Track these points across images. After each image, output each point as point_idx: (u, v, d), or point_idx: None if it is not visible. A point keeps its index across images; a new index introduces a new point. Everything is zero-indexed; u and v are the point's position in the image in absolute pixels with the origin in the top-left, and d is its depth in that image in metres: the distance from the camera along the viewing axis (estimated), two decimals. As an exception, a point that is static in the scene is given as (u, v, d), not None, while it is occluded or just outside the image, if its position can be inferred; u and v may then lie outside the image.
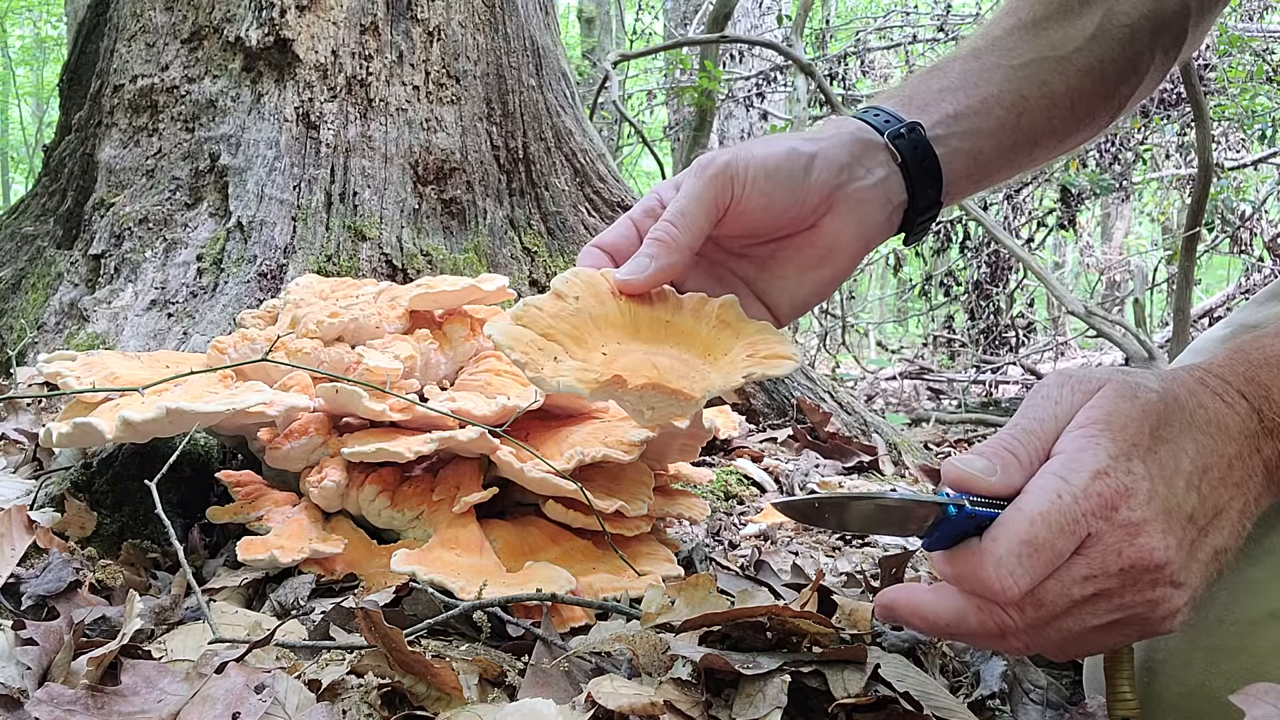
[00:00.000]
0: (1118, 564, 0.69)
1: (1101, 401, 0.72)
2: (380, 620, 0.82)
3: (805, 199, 0.90)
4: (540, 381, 0.80)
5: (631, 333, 0.88)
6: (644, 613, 0.93)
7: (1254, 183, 7.59)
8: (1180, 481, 0.70)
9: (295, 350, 1.25)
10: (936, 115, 0.96)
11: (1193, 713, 0.78)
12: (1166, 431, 0.71)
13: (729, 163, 0.88)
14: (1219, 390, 0.75)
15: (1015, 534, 0.68)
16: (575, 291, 0.88)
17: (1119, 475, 0.68)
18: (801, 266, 0.95)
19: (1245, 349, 0.78)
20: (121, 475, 1.25)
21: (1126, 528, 0.68)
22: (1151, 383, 0.74)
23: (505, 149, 2.16)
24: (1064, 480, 0.68)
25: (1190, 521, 0.70)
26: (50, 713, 0.76)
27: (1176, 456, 0.71)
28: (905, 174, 0.94)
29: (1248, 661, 0.75)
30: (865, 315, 10.07)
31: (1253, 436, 0.73)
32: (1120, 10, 1.03)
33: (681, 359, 0.86)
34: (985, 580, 0.69)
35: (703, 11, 7.51)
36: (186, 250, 1.86)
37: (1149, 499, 0.68)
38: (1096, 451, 0.69)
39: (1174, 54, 1.10)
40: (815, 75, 4.74)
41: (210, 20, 2.05)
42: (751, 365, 0.84)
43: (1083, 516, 0.68)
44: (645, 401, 0.83)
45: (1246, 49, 5.94)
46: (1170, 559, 0.68)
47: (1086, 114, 1.05)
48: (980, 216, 4.77)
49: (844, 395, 2.35)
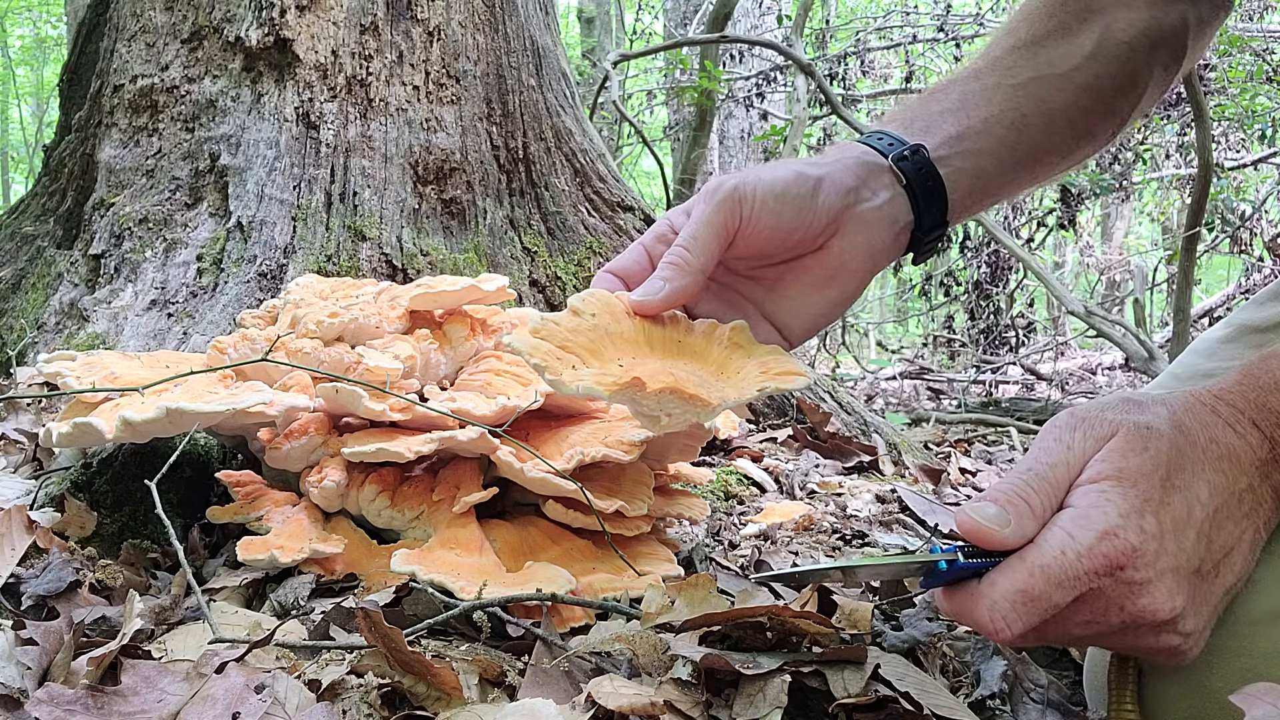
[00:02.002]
0: (1119, 618, 0.70)
1: (1112, 455, 0.72)
2: (380, 620, 0.82)
3: (813, 221, 0.92)
4: (559, 384, 0.81)
5: (646, 349, 0.89)
6: (644, 613, 0.93)
7: (1254, 183, 7.59)
8: (1191, 534, 0.70)
9: (295, 350, 1.25)
10: (939, 137, 0.98)
11: (1192, 713, 0.78)
12: (1179, 479, 0.71)
13: (737, 186, 0.90)
14: (1231, 420, 0.75)
15: (1013, 582, 0.69)
16: (592, 309, 0.90)
17: (1128, 535, 0.68)
18: (810, 287, 0.96)
19: (1255, 373, 0.77)
20: (121, 475, 1.25)
21: (1131, 585, 0.69)
22: (1163, 423, 0.74)
23: (505, 149, 2.16)
24: (1071, 537, 0.69)
25: (1198, 574, 0.71)
26: (50, 713, 0.75)
27: (1190, 505, 0.71)
28: (911, 195, 0.96)
29: (1248, 661, 0.75)
30: (865, 315, 10.07)
31: (1264, 464, 0.74)
32: (1118, 28, 1.04)
33: (695, 373, 0.87)
34: (979, 621, 0.70)
35: (703, 11, 7.51)
36: (186, 250, 1.86)
37: (1156, 557, 0.69)
38: (1107, 509, 0.69)
39: (1174, 69, 1.11)
40: (815, 75, 4.74)
41: (210, 20, 2.05)
42: (765, 380, 0.86)
43: (1085, 574, 0.68)
44: (663, 407, 0.84)
45: (1246, 49, 5.94)
46: (1176, 613, 0.69)
47: (1086, 130, 1.06)
48: (980, 216, 4.77)
49: (844, 395, 2.35)
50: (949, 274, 7.20)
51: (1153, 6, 1.05)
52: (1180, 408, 0.76)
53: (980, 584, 0.71)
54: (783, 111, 7.64)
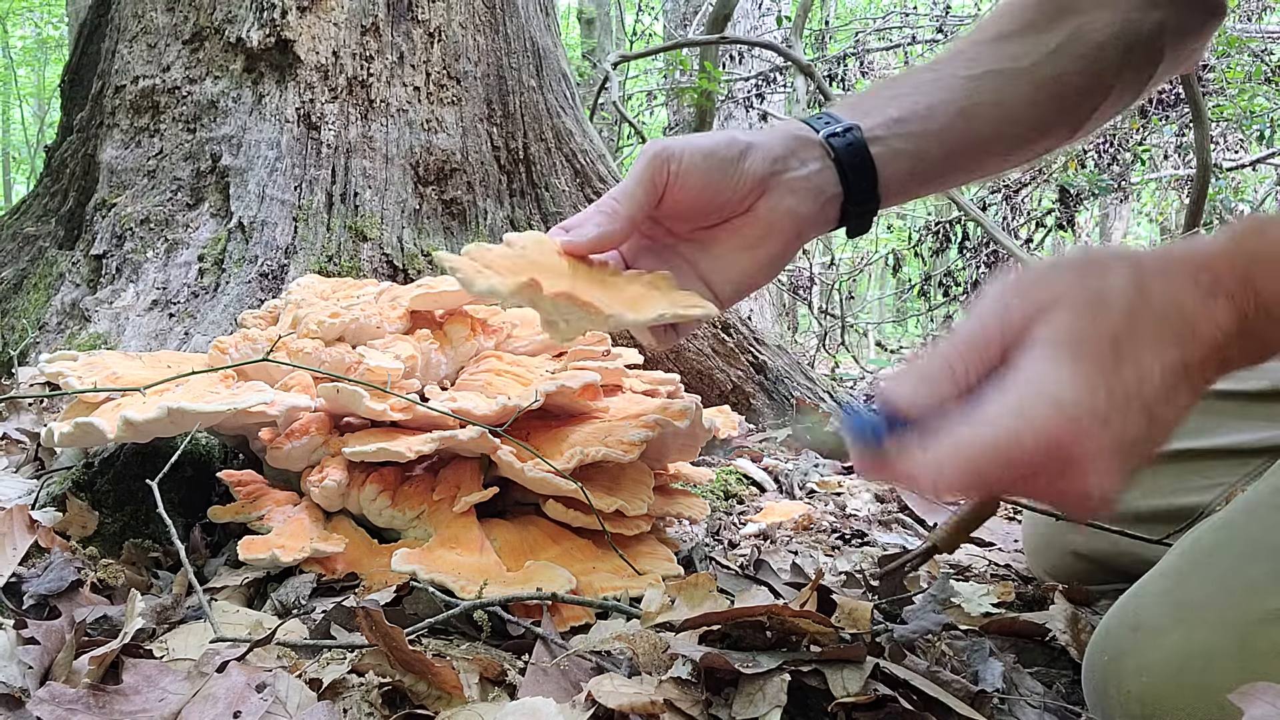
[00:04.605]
0: (1049, 490, 0.70)
1: (1060, 322, 0.70)
2: (381, 619, 0.82)
3: (739, 183, 0.96)
4: (468, 283, 0.84)
5: (569, 279, 0.93)
6: (644, 612, 0.93)
7: (1252, 183, 7.60)
8: (1135, 407, 0.68)
9: (296, 350, 1.25)
10: (879, 119, 1.01)
11: (1192, 712, 0.78)
12: (1129, 350, 0.69)
13: (667, 145, 0.95)
14: (1207, 290, 0.71)
15: (960, 450, 0.68)
16: (523, 243, 0.95)
17: (1075, 410, 0.67)
18: (739, 247, 1.00)
19: (1246, 241, 0.74)
20: (123, 475, 1.26)
21: (1068, 464, 0.67)
22: (1119, 288, 0.71)
23: (506, 150, 2.16)
24: (1021, 413, 0.67)
25: (1135, 443, 0.69)
26: (52, 712, 0.76)
27: (1140, 379, 0.69)
28: (840, 169, 0.98)
29: (1247, 661, 0.75)
30: (865, 315, 10.07)
31: (1226, 339, 0.71)
32: (1091, 29, 1.04)
33: (605, 298, 0.91)
34: (919, 480, 0.70)
35: (702, 13, 7.51)
36: (188, 250, 1.87)
37: (1099, 438, 0.67)
38: (1061, 382, 0.67)
39: (1148, 73, 1.10)
40: (814, 76, 4.74)
41: (211, 21, 2.06)
42: (668, 307, 0.89)
43: (1032, 453, 0.67)
44: (559, 311, 0.88)
45: (1245, 50, 5.94)
46: (1104, 493, 0.68)
47: (1043, 125, 1.07)
48: (979, 217, 4.77)
49: (843, 395, 2.36)
50: (948, 274, 7.20)
51: (1131, 9, 1.05)
52: (1153, 270, 0.73)
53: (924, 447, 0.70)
54: (782, 112, 7.65)
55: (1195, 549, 0.86)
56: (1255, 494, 0.89)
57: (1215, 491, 1.16)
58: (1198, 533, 0.88)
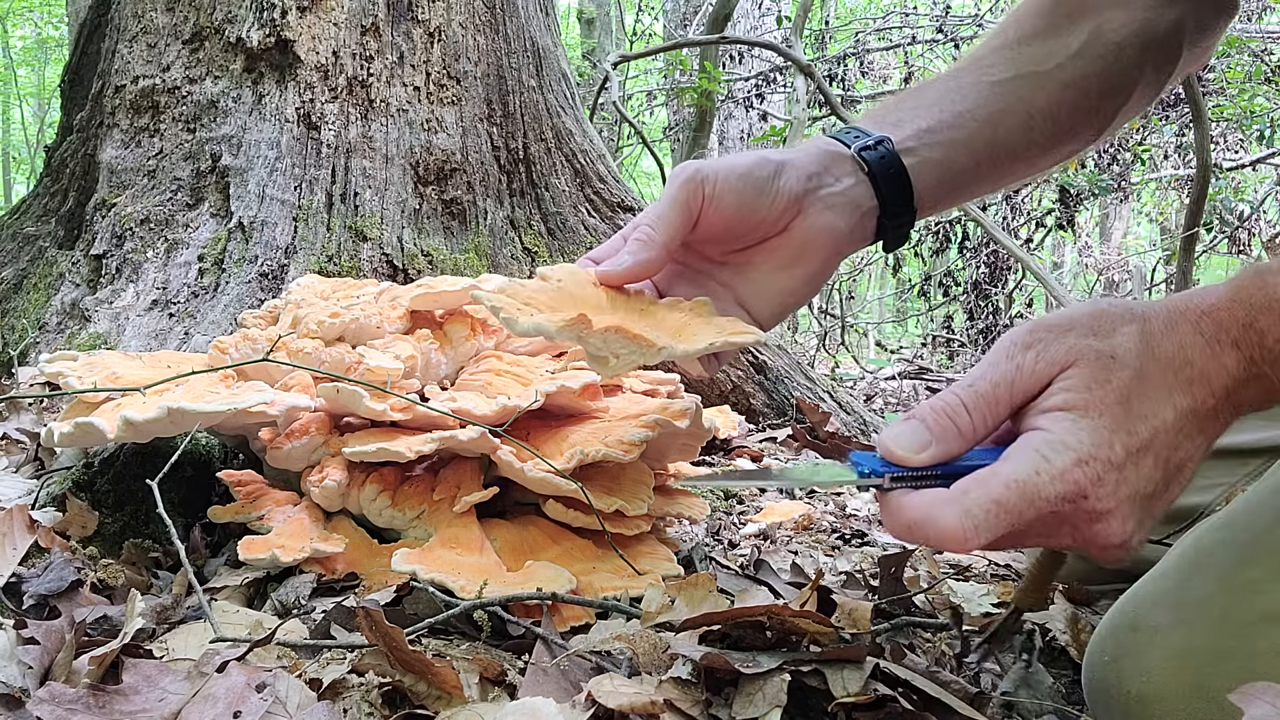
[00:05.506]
0: (1071, 538, 0.72)
1: (1077, 384, 0.73)
2: (381, 619, 0.82)
3: (774, 203, 0.94)
4: (511, 323, 0.83)
5: (608, 311, 0.92)
6: (644, 612, 0.93)
7: (1252, 183, 7.60)
8: (1149, 459, 0.71)
9: (296, 350, 1.25)
10: (909, 130, 1.00)
11: (1192, 712, 0.78)
12: (1142, 406, 0.72)
13: (700, 168, 0.94)
14: (1213, 340, 0.74)
15: (989, 493, 0.69)
16: (558, 276, 0.93)
17: (1096, 466, 0.70)
18: (776, 267, 0.98)
19: (1247, 290, 0.76)
20: (123, 475, 1.26)
21: (1090, 514, 0.70)
22: (1129, 349, 0.73)
23: (506, 150, 2.16)
24: (1046, 460, 0.70)
25: (1151, 497, 0.72)
26: (52, 712, 0.76)
27: (1153, 431, 0.72)
28: (874, 182, 0.98)
29: (1247, 661, 0.75)
30: (865, 315, 10.07)
31: (1236, 386, 0.74)
32: (1109, 29, 1.04)
33: (649, 327, 0.90)
34: (947, 528, 0.70)
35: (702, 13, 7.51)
36: (188, 250, 1.87)
37: (1117, 487, 0.70)
38: (1080, 437, 0.70)
39: (1167, 71, 1.11)
40: (814, 76, 4.74)
41: (211, 21, 2.06)
42: (717, 335, 0.87)
43: (1054, 498, 0.69)
44: (609, 346, 0.86)
45: (1245, 50, 5.94)
46: (1125, 539, 0.71)
47: (1069, 129, 1.07)
48: (979, 217, 4.77)
49: (843, 395, 2.36)
50: (948, 274, 7.20)
51: (1147, 8, 1.05)
52: (1160, 324, 0.75)
53: (950, 492, 0.71)
54: (782, 112, 7.65)
55: (1195, 549, 0.86)
56: (1255, 494, 0.89)
57: (1215, 491, 1.16)
58: (1198, 533, 0.88)
